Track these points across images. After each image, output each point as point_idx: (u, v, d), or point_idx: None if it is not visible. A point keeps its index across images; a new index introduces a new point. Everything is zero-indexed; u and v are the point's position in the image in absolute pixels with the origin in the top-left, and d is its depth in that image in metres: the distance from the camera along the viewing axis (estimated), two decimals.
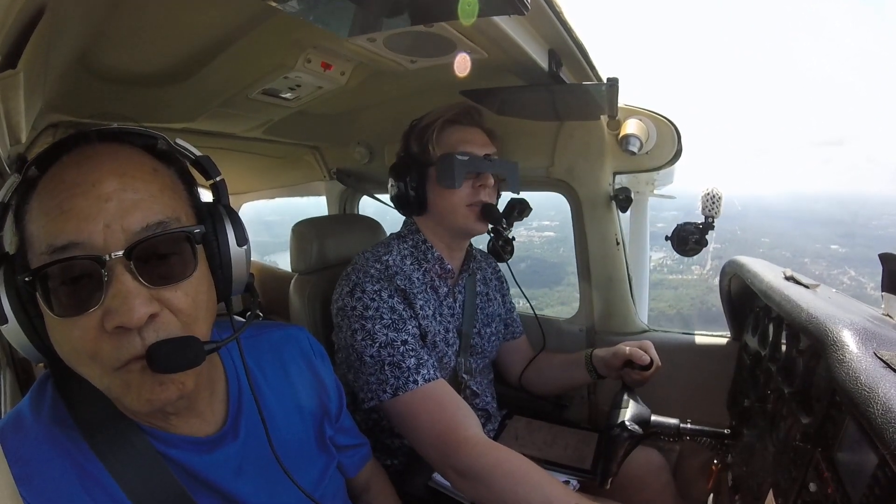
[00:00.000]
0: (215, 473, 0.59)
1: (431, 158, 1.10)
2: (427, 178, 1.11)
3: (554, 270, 8.70)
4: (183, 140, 0.58)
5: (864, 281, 23.47)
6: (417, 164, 1.11)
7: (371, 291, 1.00)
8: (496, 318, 1.30)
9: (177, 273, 0.51)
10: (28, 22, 0.51)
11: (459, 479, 0.88)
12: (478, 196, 1.10)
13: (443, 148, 1.10)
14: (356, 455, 0.85)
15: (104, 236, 0.47)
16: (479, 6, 0.62)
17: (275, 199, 2.55)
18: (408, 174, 1.11)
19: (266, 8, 0.73)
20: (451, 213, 1.11)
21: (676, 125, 1.25)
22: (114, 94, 0.98)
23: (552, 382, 1.34)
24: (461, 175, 1.06)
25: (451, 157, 1.06)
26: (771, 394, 0.90)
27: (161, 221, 0.50)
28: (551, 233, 22.94)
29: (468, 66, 0.93)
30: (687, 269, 26.94)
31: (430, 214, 1.14)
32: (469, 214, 1.11)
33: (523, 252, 22.79)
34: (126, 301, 0.46)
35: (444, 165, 1.06)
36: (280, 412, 0.69)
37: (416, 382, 0.94)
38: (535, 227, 21.51)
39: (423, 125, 1.12)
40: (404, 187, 1.12)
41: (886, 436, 0.46)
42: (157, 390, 0.50)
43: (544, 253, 23.53)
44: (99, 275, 0.46)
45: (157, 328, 0.49)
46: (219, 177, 0.59)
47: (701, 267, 8.31)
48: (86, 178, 0.48)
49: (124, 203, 0.48)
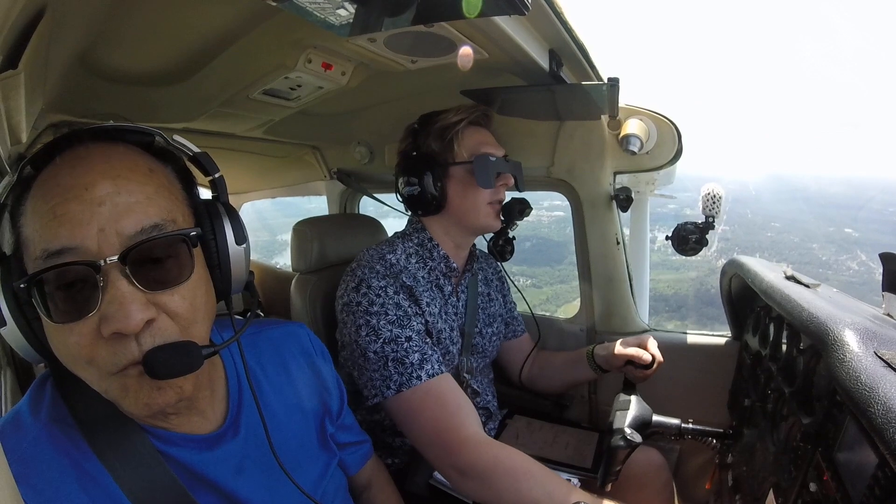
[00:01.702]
0: (215, 471, 0.59)
1: (455, 158, 1.10)
2: (448, 176, 1.10)
3: (558, 249, 8.73)
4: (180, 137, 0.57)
5: (873, 266, 22.93)
6: (437, 164, 1.10)
7: (377, 287, 1.00)
8: (497, 318, 1.31)
9: (173, 277, 0.50)
10: (29, 22, 0.50)
11: (460, 477, 0.88)
12: (499, 195, 1.13)
13: (467, 149, 1.10)
14: (357, 453, 0.85)
15: (98, 241, 0.46)
16: (481, 4, 0.61)
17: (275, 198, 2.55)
18: (425, 173, 1.09)
19: (266, 8, 0.73)
20: (473, 211, 1.11)
21: (677, 125, 1.25)
22: (114, 94, 0.98)
23: (556, 380, 1.35)
24: (493, 175, 1.08)
25: (486, 157, 1.07)
26: (771, 393, 0.90)
27: (156, 224, 0.49)
28: (561, 213, 22.90)
29: (471, 60, 0.93)
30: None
31: (445, 213, 1.13)
32: (490, 212, 1.13)
33: (530, 231, 23.03)
34: (122, 307, 0.46)
35: (480, 166, 1.06)
36: (281, 410, 0.69)
37: (420, 378, 0.94)
38: (546, 206, 21.48)
39: (445, 124, 1.11)
40: (424, 186, 1.10)
41: (886, 436, 0.46)
42: (155, 395, 0.50)
43: (551, 232, 23.49)
44: (94, 280, 0.46)
45: (153, 333, 0.48)
46: (217, 173, 0.59)
47: (706, 248, 8.44)
48: (78, 182, 0.47)
49: (118, 207, 0.47)
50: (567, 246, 20.22)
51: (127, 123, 0.54)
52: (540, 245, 23.92)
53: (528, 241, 23.25)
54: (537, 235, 9.45)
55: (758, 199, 35.78)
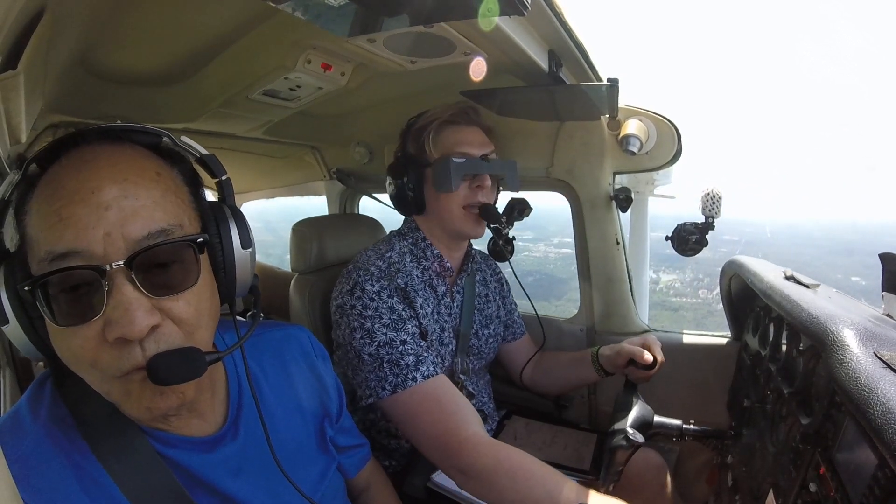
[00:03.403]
0: (214, 473, 0.59)
1: (428, 160, 1.09)
2: (424, 178, 1.11)
3: (559, 286, 8.65)
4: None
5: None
6: (414, 165, 1.11)
7: (371, 291, 1.00)
8: (495, 320, 1.30)
9: (179, 282, 0.50)
10: (28, 23, 0.50)
11: (463, 478, 0.88)
12: (475, 197, 1.09)
13: (440, 150, 1.09)
14: (356, 455, 0.85)
15: (104, 245, 0.46)
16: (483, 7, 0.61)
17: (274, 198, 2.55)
18: (405, 174, 1.12)
19: (266, 8, 0.73)
20: (447, 215, 1.10)
21: (676, 125, 1.25)
22: (114, 95, 0.98)
23: (560, 381, 1.34)
24: (458, 178, 1.06)
25: (446, 160, 1.05)
26: (771, 394, 0.90)
27: (163, 229, 0.49)
28: (568, 250, 23.03)
29: (484, 70, 0.93)
30: (693, 292, 27.50)
31: (428, 214, 1.15)
32: (466, 217, 1.11)
33: (535, 266, 23.06)
34: (127, 312, 0.45)
35: (439, 169, 1.06)
36: (280, 412, 0.69)
37: (415, 380, 0.94)
38: (556, 243, 21.57)
39: (420, 126, 1.12)
40: (402, 188, 1.12)
41: (886, 436, 0.46)
42: (158, 399, 0.49)
43: (556, 269, 23.62)
44: (99, 284, 0.45)
45: (157, 339, 0.48)
46: (224, 176, 0.59)
47: (708, 291, 8.27)
48: (84, 185, 0.46)
49: (124, 211, 0.47)
50: (569, 283, 20.26)
51: (134, 124, 0.54)
52: (542, 280, 24.05)
53: (532, 275, 23.21)
54: (541, 271, 9.48)
55: (773, 241, 35.97)
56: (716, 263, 1.25)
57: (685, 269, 28.76)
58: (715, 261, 1.19)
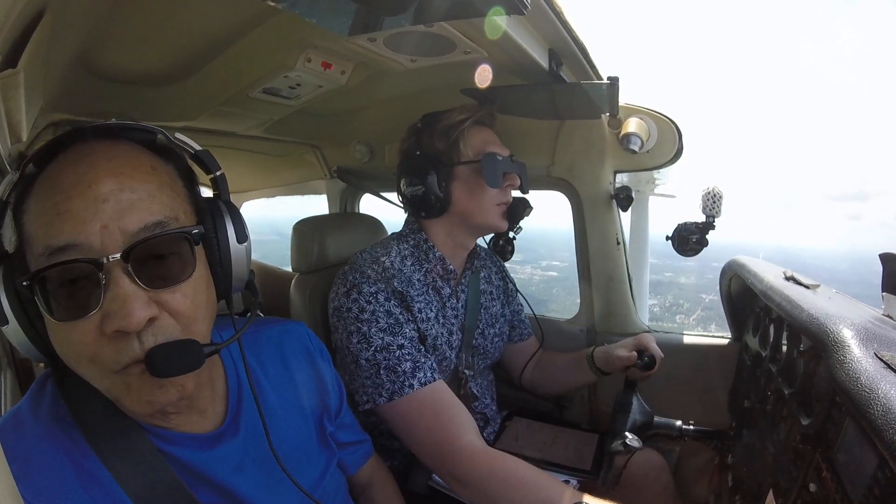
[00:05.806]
0: (215, 469, 0.59)
1: (461, 158, 1.07)
2: (453, 177, 1.08)
3: (538, 307, 8.52)
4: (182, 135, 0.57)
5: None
6: (442, 163, 1.08)
7: (367, 293, 0.99)
8: (500, 320, 1.30)
9: (175, 274, 0.51)
10: (29, 22, 0.50)
11: (459, 485, 0.89)
12: (506, 196, 1.12)
13: (473, 148, 1.08)
14: (357, 452, 0.85)
15: (101, 238, 0.46)
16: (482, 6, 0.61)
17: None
18: (429, 173, 1.07)
19: (266, 8, 0.73)
20: (479, 211, 1.09)
21: (677, 124, 1.25)
22: (114, 94, 0.98)
23: (558, 382, 1.34)
24: (501, 174, 1.07)
25: (493, 156, 1.06)
26: (771, 395, 0.90)
27: (159, 221, 0.49)
28: (555, 273, 23.01)
29: (489, 78, 0.94)
30: (671, 317, 27.72)
31: (449, 214, 1.11)
32: (497, 213, 1.11)
33: (518, 287, 23.41)
34: (125, 305, 0.46)
35: (489, 164, 1.05)
36: (280, 408, 0.69)
37: (412, 387, 0.94)
38: (543, 266, 21.66)
39: (450, 123, 1.08)
40: (428, 187, 1.07)
41: (886, 437, 0.46)
42: (157, 393, 0.50)
43: (538, 290, 23.50)
44: (97, 277, 0.46)
45: (155, 331, 0.48)
46: (219, 171, 0.59)
47: (686, 316, 8.20)
48: (82, 179, 0.47)
49: (121, 203, 0.47)
50: (547, 305, 20.11)
51: (129, 122, 0.54)
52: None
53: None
54: (524, 291, 9.42)
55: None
56: (699, 289, 1.23)
57: (667, 294, 28.82)
58: (699, 286, 1.17)
